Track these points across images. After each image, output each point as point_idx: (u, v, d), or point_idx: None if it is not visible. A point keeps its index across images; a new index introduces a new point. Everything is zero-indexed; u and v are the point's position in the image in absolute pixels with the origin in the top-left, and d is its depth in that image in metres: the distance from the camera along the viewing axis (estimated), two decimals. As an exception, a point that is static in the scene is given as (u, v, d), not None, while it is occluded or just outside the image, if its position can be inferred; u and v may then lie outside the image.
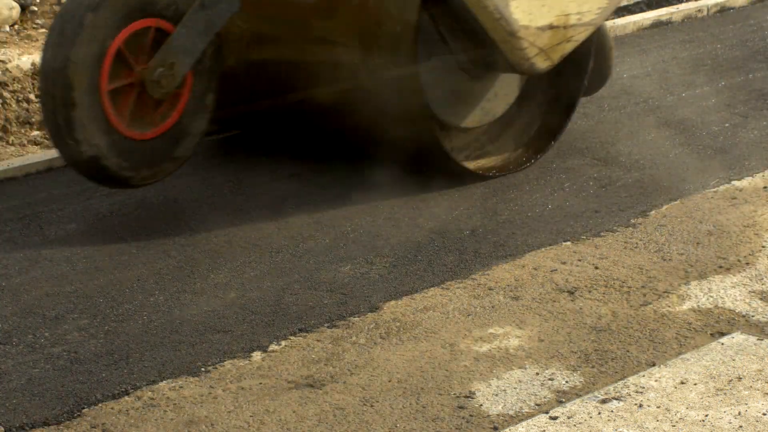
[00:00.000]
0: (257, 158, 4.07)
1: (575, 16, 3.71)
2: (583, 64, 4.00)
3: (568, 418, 2.47)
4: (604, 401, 2.53)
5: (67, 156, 3.40)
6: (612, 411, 2.49)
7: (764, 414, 2.45)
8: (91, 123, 3.33)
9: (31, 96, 4.57)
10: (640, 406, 2.50)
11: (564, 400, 2.57)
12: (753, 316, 2.91)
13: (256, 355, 2.80)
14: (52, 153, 4.15)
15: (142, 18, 3.34)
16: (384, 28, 3.54)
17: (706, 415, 2.46)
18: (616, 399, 2.53)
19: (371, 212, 3.62)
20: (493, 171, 3.90)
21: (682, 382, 2.59)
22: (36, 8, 4.99)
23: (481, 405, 2.57)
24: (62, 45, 3.26)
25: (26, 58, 4.61)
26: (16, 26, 4.88)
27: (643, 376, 2.62)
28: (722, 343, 2.75)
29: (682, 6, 5.51)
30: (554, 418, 2.47)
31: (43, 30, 4.87)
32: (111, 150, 3.39)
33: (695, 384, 2.58)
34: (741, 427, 2.41)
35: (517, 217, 3.56)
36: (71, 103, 3.29)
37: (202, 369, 2.74)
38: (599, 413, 2.48)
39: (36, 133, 4.49)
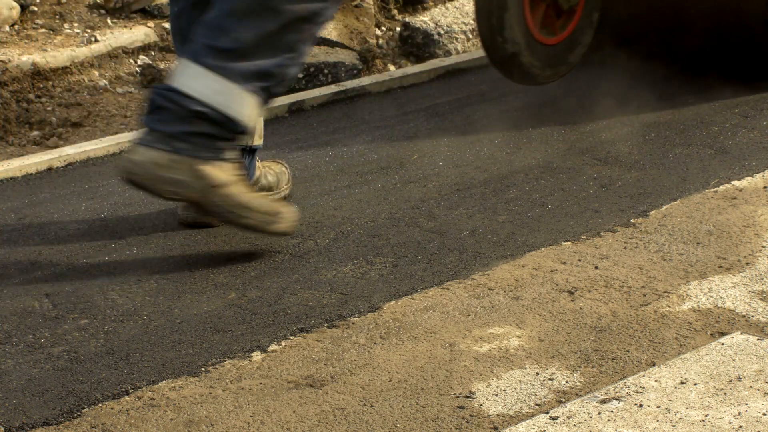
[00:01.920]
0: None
1: None
2: None
3: (568, 418, 2.47)
4: (604, 401, 2.53)
5: (493, 52, 4.20)
6: (612, 411, 2.49)
7: (764, 414, 2.45)
8: (516, 25, 4.12)
9: (31, 96, 4.57)
10: (640, 406, 2.50)
11: (564, 400, 2.57)
12: (753, 316, 2.91)
13: (256, 355, 2.80)
14: (52, 153, 4.16)
15: None
16: None
17: (706, 415, 2.46)
18: (616, 399, 2.53)
19: (371, 212, 3.62)
20: None
21: (682, 382, 2.59)
22: (36, 8, 4.99)
23: (481, 405, 2.57)
24: None
25: (26, 58, 4.61)
26: (16, 26, 4.88)
27: (643, 376, 2.62)
28: (722, 343, 2.75)
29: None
30: (554, 418, 2.47)
31: (43, 30, 4.88)
32: (527, 49, 4.20)
33: (695, 384, 2.58)
34: (741, 427, 2.41)
35: (517, 217, 3.56)
36: (505, 7, 4.05)
37: (202, 369, 2.74)
38: (599, 413, 2.48)
39: (36, 133, 4.49)
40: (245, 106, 3.16)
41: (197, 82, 3.12)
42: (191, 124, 3.14)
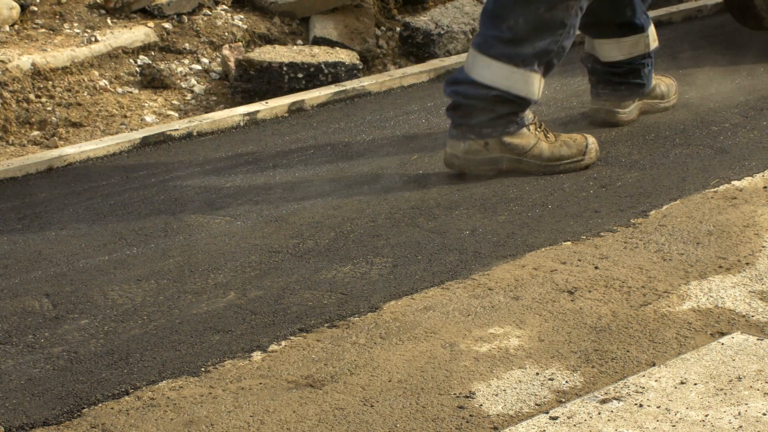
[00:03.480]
0: (258, 160, 4.08)
1: None
2: None
3: (568, 418, 2.47)
4: (604, 401, 2.53)
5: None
6: (612, 411, 2.49)
7: (764, 414, 2.45)
8: None
9: (31, 96, 4.57)
10: (640, 406, 2.50)
11: (564, 400, 2.58)
12: (753, 316, 2.91)
13: (256, 355, 2.80)
14: (52, 153, 4.16)
15: None
16: None
17: (706, 415, 2.46)
18: (616, 399, 2.53)
19: (371, 212, 3.62)
20: None
21: (682, 382, 2.59)
22: (36, 8, 4.99)
23: (481, 405, 2.57)
24: None
25: (26, 58, 4.61)
26: (16, 26, 4.88)
27: (643, 376, 2.62)
28: (722, 343, 2.75)
29: (683, 6, 5.51)
30: (554, 418, 2.47)
31: (43, 30, 4.88)
32: None
33: (695, 384, 2.58)
34: (741, 427, 2.41)
35: (517, 217, 3.56)
36: None
37: (202, 369, 2.74)
38: (599, 413, 2.48)
39: (36, 133, 4.49)
40: (531, 84, 3.70)
41: (488, 71, 3.68)
42: (491, 110, 3.70)
